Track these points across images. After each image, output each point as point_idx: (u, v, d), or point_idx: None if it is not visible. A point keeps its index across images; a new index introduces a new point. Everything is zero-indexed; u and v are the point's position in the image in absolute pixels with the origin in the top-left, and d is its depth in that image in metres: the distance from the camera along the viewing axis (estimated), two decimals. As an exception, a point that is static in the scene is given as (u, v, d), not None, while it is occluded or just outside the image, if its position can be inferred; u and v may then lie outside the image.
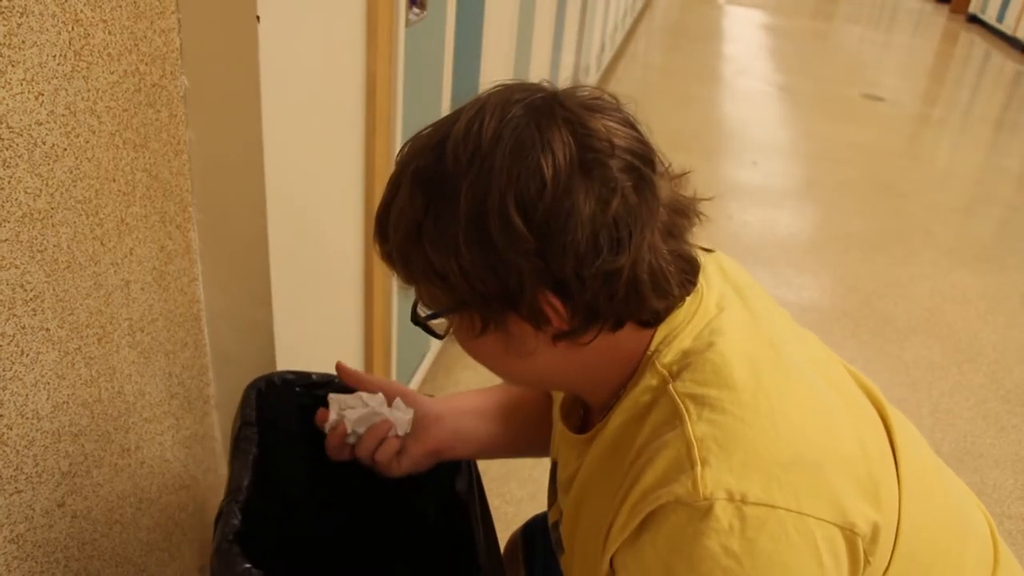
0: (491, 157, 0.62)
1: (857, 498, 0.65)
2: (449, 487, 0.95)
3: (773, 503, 0.61)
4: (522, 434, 0.99)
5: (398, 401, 0.94)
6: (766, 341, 0.71)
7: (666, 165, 0.69)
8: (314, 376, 1.03)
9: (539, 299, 0.64)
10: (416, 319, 0.74)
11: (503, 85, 0.68)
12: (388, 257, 0.71)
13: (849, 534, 0.63)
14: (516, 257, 0.62)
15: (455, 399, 1.00)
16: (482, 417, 0.97)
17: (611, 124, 0.65)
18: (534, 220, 0.62)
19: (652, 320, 0.70)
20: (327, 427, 0.94)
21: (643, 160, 0.66)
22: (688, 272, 0.71)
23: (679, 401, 0.66)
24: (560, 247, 0.62)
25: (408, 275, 0.70)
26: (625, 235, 0.63)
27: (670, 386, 0.67)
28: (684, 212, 0.69)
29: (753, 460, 0.62)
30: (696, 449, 0.62)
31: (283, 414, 1.02)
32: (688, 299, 0.72)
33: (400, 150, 0.70)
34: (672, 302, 0.70)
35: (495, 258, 0.63)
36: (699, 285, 0.73)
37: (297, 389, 1.02)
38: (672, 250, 0.68)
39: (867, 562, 0.65)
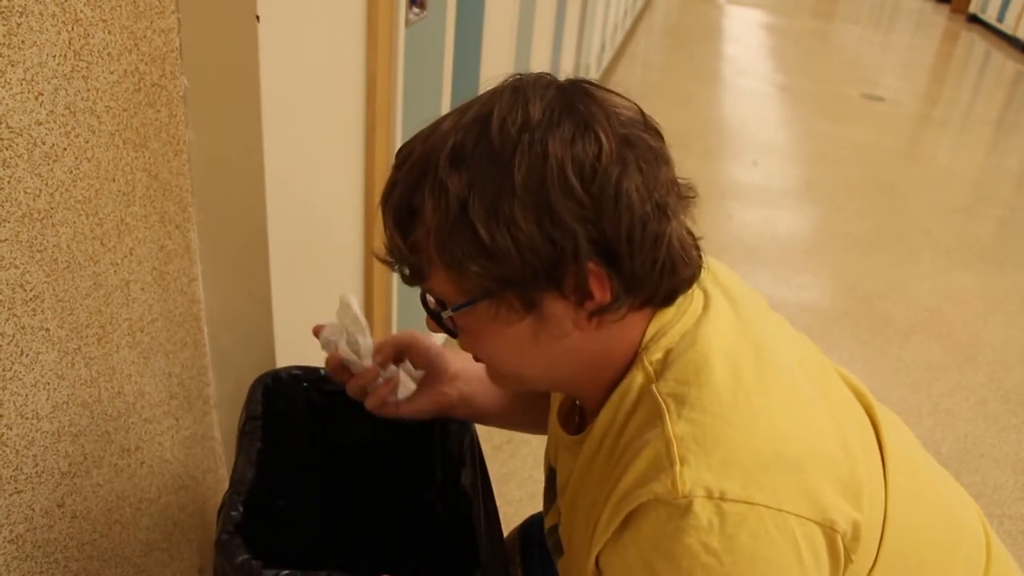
0: (543, 128, 0.63)
1: (837, 496, 0.65)
2: (455, 481, 0.96)
3: (752, 500, 0.61)
4: (524, 412, 1.00)
5: (407, 364, 0.95)
6: (751, 342, 0.72)
7: None
8: (322, 371, 1.03)
9: (588, 269, 0.65)
10: (436, 315, 0.73)
11: (517, 75, 0.69)
12: (415, 248, 0.68)
13: (829, 531, 0.64)
14: (574, 223, 0.63)
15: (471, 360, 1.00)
16: (492, 389, 0.98)
17: (628, 103, 0.69)
18: (593, 184, 0.63)
19: (674, 294, 0.71)
20: (320, 342, 0.93)
21: (659, 137, 0.69)
22: (697, 247, 0.73)
23: (660, 400, 0.66)
24: (617, 212, 0.64)
25: (444, 260, 0.67)
26: (665, 203, 0.66)
27: (653, 385, 0.68)
28: (686, 192, 0.71)
29: (732, 458, 0.63)
30: (675, 447, 0.63)
31: (290, 409, 1.02)
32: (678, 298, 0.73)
33: (408, 145, 0.69)
34: (692, 274, 0.71)
35: (552, 226, 0.63)
36: None
37: (304, 384, 1.02)
38: (687, 229, 0.71)
39: (849, 560, 0.66)
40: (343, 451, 1.06)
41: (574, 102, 0.65)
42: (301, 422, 1.03)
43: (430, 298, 0.73)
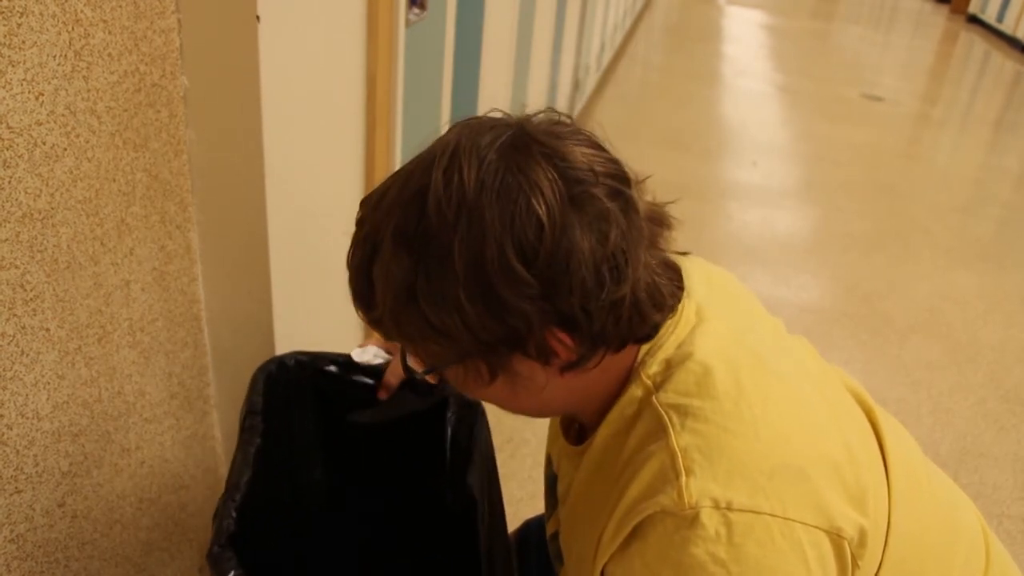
0: (479, 207, 0.60)
1: (843, 502, 0.65)
2: (464, 472, 0.95)
3: (759, 509, 0.61)
4: None
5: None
6: (749, 349, 0.71)
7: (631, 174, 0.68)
8: (330, 356, 1.02)
9: (547, 337, 0.64)
10: (412, 375, 0.73)
11: (464, 125, 0.66)
12: (377, 323, 0.68)
13: (836, 538, 0.64)
14: (521, 303, 0.61)
15: None
16: None
17: (584, 150, 0.64)
18: (536, 264, 0.60)
19: (652, 334, 0.70)
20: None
21: (621, 180, 0.65)
22: (675, 279, 0.72)
23: (662, 412, 0.66)
24: (566, 287, 0.61)
25: (403, 337, 0.67)
26: (623, 262, 0.62)
27: (653, 397, 0.67)
28: (660, 220, 0.69)
29: (737, 468, 0.62)
30: (680, 459, 0.63)
31: (297, 397, 1.01)
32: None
33: (365, 208, 0.67)
34: (667, 312, 0.70)
35: (500, 308, 0.61)
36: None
37: (312, 371, 1.01)
38: (658, 261, 0.69)
39: (855, 566, 0.66)
40: (350, 440, 1.05)
41: (514, 166, 0.61)
42: (307, 410, 1.02)
43: (409, 357, 0.74)
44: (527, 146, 0.62)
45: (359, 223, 0.67)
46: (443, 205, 0.60)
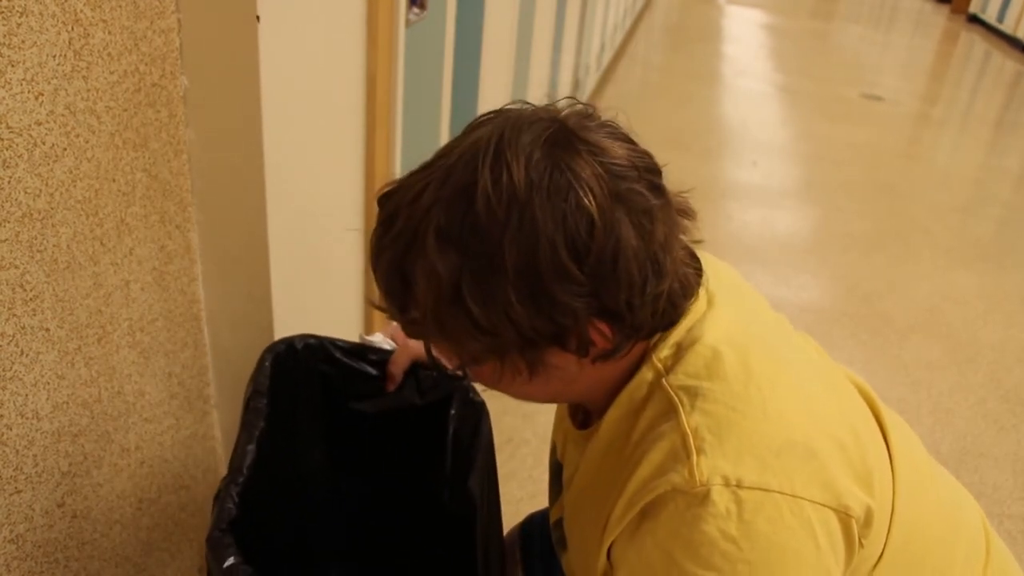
0: (530, 205, 0.60)
1: (850, 482, 0.66)
2: (464, 471, 0.95)
3: (768, 487, 0.62)
4: None
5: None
6: (756, 336, 0.73)
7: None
8: (340, 342, 1.01)
9: (589, 330, 0.64)
10: (439, 370, 0.73)
11: (501, 120, 0.65)
12: (413, 323, 0.68)
13: (844, 516, 0.64)
14: (571, 300, 0.62)
15: None
16: None
17: (621, 143, 0.65)
18: (587, 262, 0.61)
19: (676, 321, 0.71)
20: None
21: (657, 174, 0.66)
22: (697, 267, 0.73)
23: (673, 394, 0.67)
24: (614, 283, 0.62)
25: (444, 336, 0.66)
26: (664, 258, 0.64)
27: (664, 380, 0.69)
28: (686, 211, 0.71)
29: (747, 446, 0.63)
30: (691, 439, 0.64)
31: (304, 380, 1.00)
32: None
33: (390, 202, 0.66)
34: (691, 298, 0.71)
35: (550, 305, 0.62)
36: None
37: (320, 356, 1.00)
38: (685, 251, 0.70)
39: (860, 545, 0.67)
40: (352, 428, 1.05)
41: (561, 163, 0.61)
42: (313, 394, 1.01)
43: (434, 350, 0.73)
44: (569, 142, 0.63)
45: (388, 219, 0.65)
46: (493, 203, 0.60)
